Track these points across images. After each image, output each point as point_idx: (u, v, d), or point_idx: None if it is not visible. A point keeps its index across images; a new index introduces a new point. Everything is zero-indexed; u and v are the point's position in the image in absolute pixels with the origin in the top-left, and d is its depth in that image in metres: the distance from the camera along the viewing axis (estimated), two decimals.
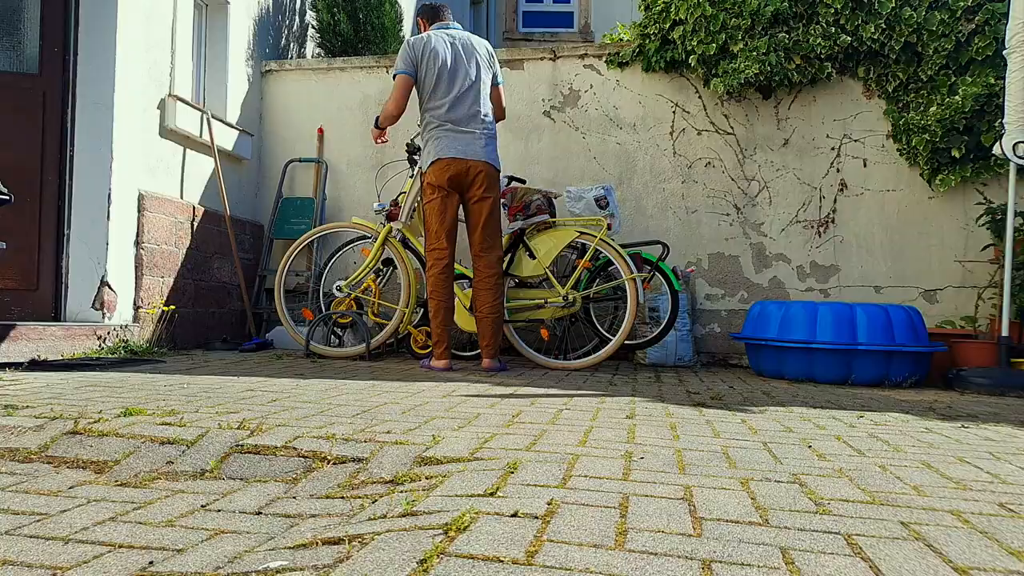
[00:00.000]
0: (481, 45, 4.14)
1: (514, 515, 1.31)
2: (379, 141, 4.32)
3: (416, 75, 4.00)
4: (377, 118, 4.17)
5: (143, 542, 1.36)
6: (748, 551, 1.18)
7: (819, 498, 1.50)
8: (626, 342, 4.40)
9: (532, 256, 4.34)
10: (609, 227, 4.44)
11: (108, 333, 4.20)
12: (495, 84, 4.19)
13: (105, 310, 4.25)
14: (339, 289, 4.63)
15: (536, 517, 1.30)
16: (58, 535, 1.39)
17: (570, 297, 4.29)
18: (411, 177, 4.56)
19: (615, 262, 4.27)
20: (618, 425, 2.30)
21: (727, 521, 1.33)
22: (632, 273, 4.18)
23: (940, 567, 1.14)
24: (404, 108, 4.05)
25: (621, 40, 5.66)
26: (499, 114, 4.25)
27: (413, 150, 4.58)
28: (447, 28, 4.12)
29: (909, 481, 1.68)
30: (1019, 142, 4.05)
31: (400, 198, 4.62)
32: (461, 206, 4.13)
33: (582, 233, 4.31)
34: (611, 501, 1.42)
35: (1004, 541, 1.27)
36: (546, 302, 4.34)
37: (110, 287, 4.27)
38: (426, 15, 4.24)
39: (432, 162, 3.98)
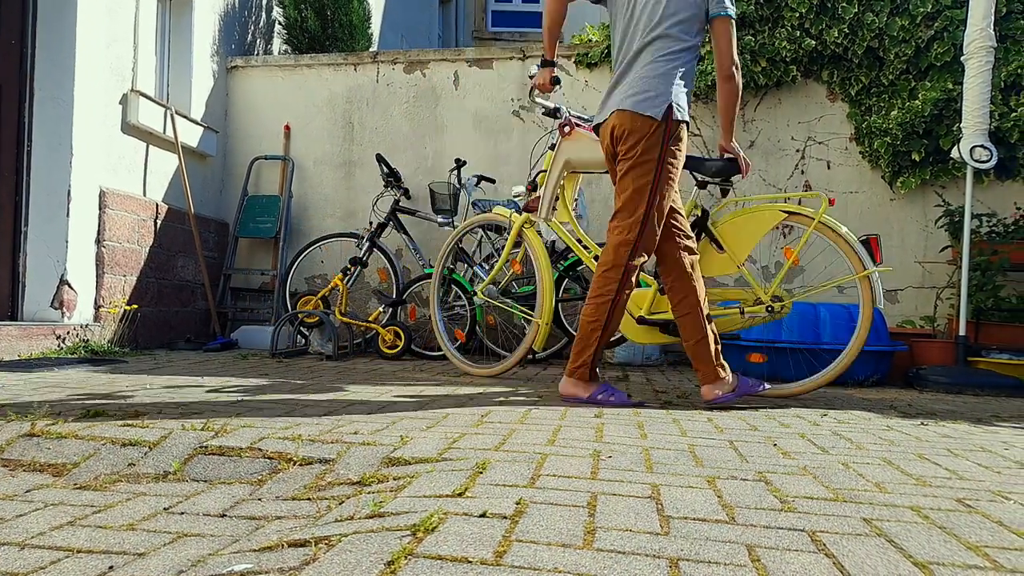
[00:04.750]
0: None
1: (483, 515, 1.30)
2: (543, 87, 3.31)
3: None
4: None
5: (103, 546, 1.33)
6: (715, 549, 1.19)
7: (784, 496, 1.52)
8: None
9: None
10: None
11: (68, 333, 4.11)
12: (716, 16, 2.90)
13: (64, 309, 4.15)
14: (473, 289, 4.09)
15: (505, 517, 1.30)
16: (14, 540, 1.35)
17: None
18: (551, 148, 3.71)
19: (584, 262, 4.28)
20: (586, 424, 2.30)
21: (694, 519, 1.34)
22: None
23: (901, 562, 1.17)
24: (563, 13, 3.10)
25: (590, 41, 5.68)
26: (722, 60, 2.96)
27: (552, 112, 3.70)
28: None
29: (871, 478, 1.71)
30: (976, 146, 4.15)
31: (539, 178, 3.75)
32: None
33: None
34: (579, 500, 1.42)
35: (962, 536, 1.30)
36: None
37: (70, 286, 4.17)
38: None
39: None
